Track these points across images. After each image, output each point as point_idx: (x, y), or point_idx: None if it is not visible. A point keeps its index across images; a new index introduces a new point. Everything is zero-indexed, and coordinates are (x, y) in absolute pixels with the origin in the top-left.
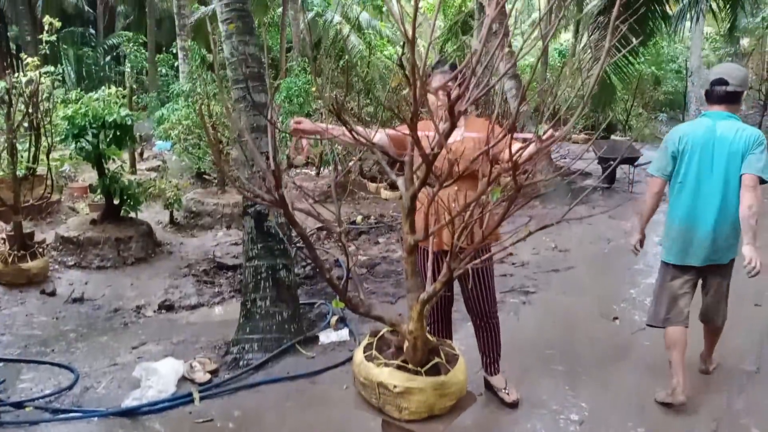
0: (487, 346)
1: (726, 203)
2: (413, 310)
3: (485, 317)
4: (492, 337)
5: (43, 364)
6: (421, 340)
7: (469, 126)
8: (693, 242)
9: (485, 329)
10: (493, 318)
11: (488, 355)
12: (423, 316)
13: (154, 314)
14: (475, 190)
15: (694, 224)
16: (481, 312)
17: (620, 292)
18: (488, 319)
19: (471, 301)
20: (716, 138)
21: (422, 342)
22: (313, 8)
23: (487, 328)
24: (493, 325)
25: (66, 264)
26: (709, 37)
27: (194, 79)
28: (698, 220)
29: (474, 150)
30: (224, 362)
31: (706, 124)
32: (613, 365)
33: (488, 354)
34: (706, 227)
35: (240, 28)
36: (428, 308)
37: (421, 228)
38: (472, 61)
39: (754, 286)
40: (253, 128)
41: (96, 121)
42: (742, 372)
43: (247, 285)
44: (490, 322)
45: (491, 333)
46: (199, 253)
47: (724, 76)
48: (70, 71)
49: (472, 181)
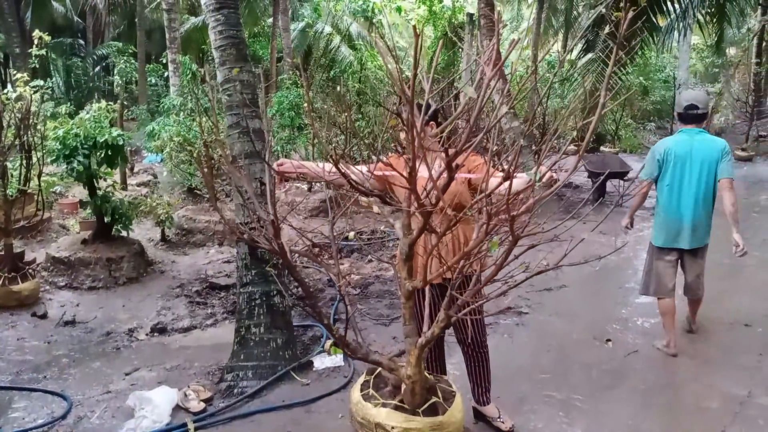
0: (477, 376)
1: (703, 200)
2: (411, 355)
3: (476, 347)
4: (482, 366)
5: (36, 392)
6: (419, 384)
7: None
8: (678, 230)
9: (475, 359)
10: (483, 347)
11: (479, 384)
12: (421, 360)
13: (147, 338)
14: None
15: (679, 217)
16: (472, 341)
17: (613, 312)
18: (479, 349)
19: (461, 332)
20: (693, 150)
21: (420, 386)
22: (303, 19)
23: (477, 358)
24: (482, 354)
25: (57, 285)
26: (696, 48)
27: (185, 94)
28: (682, 213)
29: (459, 184)
30: (218, 390)
31: (684, 139)
32: (608, 393)
33: (479, 383)
34: (688, 219)
35: (234, 55)
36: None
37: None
38: (471, 113)
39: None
40: (246, 155)
41: (87, 142)
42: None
43: (241, 311)
44: (480, 352)
45: (481, 363)
46: (192, 272)
47: (694, 101)
48: (59, 82)
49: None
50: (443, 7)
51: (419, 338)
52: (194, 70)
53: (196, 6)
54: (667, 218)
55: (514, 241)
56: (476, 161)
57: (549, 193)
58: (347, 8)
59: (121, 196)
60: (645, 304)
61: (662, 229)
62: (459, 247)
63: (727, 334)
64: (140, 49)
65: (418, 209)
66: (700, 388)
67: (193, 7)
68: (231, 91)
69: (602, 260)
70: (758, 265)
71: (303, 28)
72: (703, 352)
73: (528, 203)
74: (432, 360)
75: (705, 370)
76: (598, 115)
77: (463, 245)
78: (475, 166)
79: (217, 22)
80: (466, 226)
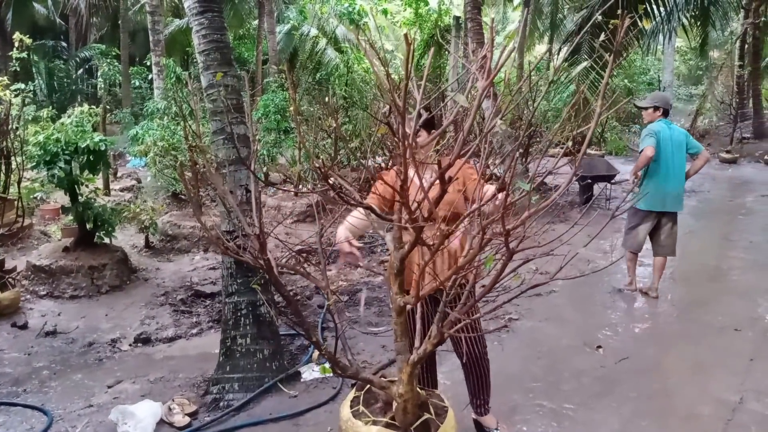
0: (477, 388)
1: (679, 173)
2: (403, 373)
3: (475, 360)
4: (482, 379)
5: (16, 406)
6: (411, 402)
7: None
8: (663, 197)
9: (475, 373)
10: (482, 360)
11: (478, 396)
12: (414, 377)
13: (130, 348)
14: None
15: (664, 186)
16: (471, 354)
17: (602, 317)
18: (479, 361)
19: (459, 345)
20: (671, 134)
21: (413, 404)
22: (289, 21)
23: (476, 372)
24: (482, 367)
25: (38, 294)
26: (680, 50)
27: (169, 98)
28: (666, 183)
29: (454, 193)
30: (204, 403)
31: (665, 127)
32: (599, 400)
33: (478, 396)
34: (670, 187)
35: (218, 60)
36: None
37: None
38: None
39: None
40: (231, 161)
41: (68, 147)
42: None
43: (226, 321)
44: (480, 364)
45: (481, 375)
46: (176, 279)
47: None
48: (42, 84)
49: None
50: (429, 10)
51: (411, 355)
52: (179, 74)
53: (180, 8)
54: (656, 187)
55: (509, 255)
56: (471, 172)
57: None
58: (333, 11)
59: (104, 201)
60: (634, 309)
61: (650, 196)
62: (455, 259)
63: (717, 338)
64: (124, 51)
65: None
66: (691, 395)
67: (177, 9)
68: (215, 96)
69: (590, 264)
70: (745, 268)
71: (289, 31)
72: (693, 358)
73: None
74: (423, 372)
75: (696, 376)
76: (594, 124)
77: (458, 255)
78: (469, 176)
79: (200, 26)
80: (463, 237)
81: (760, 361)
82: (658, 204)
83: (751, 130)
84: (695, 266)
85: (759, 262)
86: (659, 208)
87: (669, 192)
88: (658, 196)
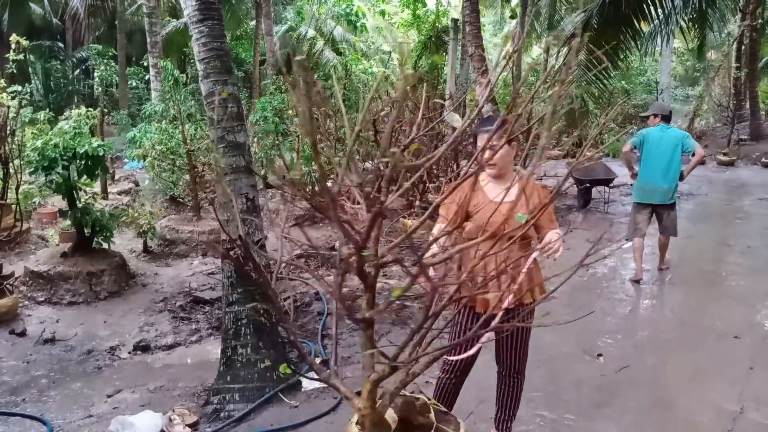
0: (506, 400)
1: (670, 170)
2: (364, 389)
3: (513, 372)
4: (514, 393)
5: (14, 416)
6: (369, 420)
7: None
8: (653, 191)
9: (509, 384)
10: (520, 374)
11: (504, 411)
12: (374, 396)
13: (129, 356)
14: (523, 250)
15: (650, 181)
16: (510, 366)
17: (602, 324)
18: (516, 375)
19: (503, 354)
20: (665, 136)
21: (371, 422)
22: (286, 22)
23: (511, 383)
24: (518, 381)
25: (36, 300)
26: (677, 52)
27: (167, 100)
28: (652, 179)
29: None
30: (204, 413)
31: (659, 130)
32: (600, 410)
33: (505, 410)
34: (657, 183)
35: (218, 68)
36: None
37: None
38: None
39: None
40: (232, 169)
41: (66, 152)
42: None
43: (227, 331)
44: (516, 378)
45: (514, 389)
46: (175, 285)
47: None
48: (38, 85)
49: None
50: (427, 11)
51: (372, 374)
52: (177, 76)
53: (177, 8)
54: (645, 183)
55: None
56: (545, 196)
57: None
58: (330, 12)
59: (102, 206)
60: (633, 316)
61: (641, 190)
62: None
63: (717, 346)
64: (120, 52)
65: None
66: (692, 404)
67: (174, 10)
68: (215, 105)
69: (590, 270)
70: (744, 273)
71: (286, 32)
72: (693, 366)
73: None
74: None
75: (696, 385)
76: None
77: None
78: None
79: (200, 33)
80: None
81: (760, 369)
82: (648, 197)
83: (748, 132)
84: (694, 271)
85: (757, 267)
86: (649, 201)
87: (657, 187)
88: (647, 189)
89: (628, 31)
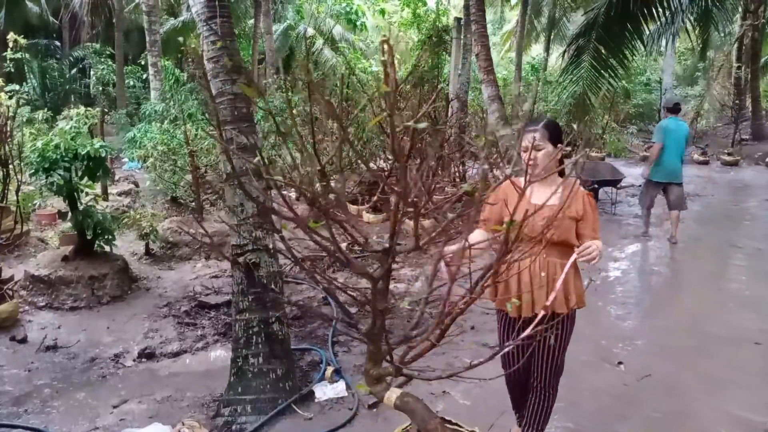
0: (534, 412)
1: (680, 156)
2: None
3: (545, 385)
4: (543, 407)
5: (16, 429)
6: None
7: (566, 189)
8: (668, 171)
9: (540, 396)
10: (552, 389)
11: (531, 424)
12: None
13: (134, 364)
14: (563, 257)
15: (670, 164)
16: (543, 378)
17: (619, 330)
18: (548, 388)
19: (537, 365)
20: (679, 128)
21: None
22: (285, 21)
23: (541, 395)
24: (549, 395)
25: (37, 305)
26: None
27: (167, 100)
28: (671, 163)
29: (565, 218)
30: (215, 426)
31: (674, 122)
32: (622, 422)
33: (531, 423)
34: (672, 165)
35: (227, 66)
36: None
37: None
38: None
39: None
40: (242, 171)
41: (68, 154)
42: None
43: (237, 340)
44: (547, 391)
45: (545, 402)
46: (179, 289)
47: (676, 102)
48: (35, 84)
49: (562, 248)
50: (427, 10)
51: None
52: (177, 75)
53: (175, 7)
54: (664, 165)
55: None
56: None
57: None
58: (330, 10)
59: (103, 208)
60: (648, 321)
61: (660, 171)
62: (541, 282)
63: (737, 353)
64: (118, 50)
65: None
66: (715, 416)
67: (173, 8)
68: (225, 105)
69: (603, 274)
70: (756, 276)
71: (285, 30)
72: (714, 374)
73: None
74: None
75: (719, 396)
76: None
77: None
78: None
79: (210, 31)
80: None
81: None
82: (668, 176)
83: (750, 132)
84: (704, 275)
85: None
86: (664, 179)
87: (677, 167)
88: (669, 170)
89: (635, 30)
